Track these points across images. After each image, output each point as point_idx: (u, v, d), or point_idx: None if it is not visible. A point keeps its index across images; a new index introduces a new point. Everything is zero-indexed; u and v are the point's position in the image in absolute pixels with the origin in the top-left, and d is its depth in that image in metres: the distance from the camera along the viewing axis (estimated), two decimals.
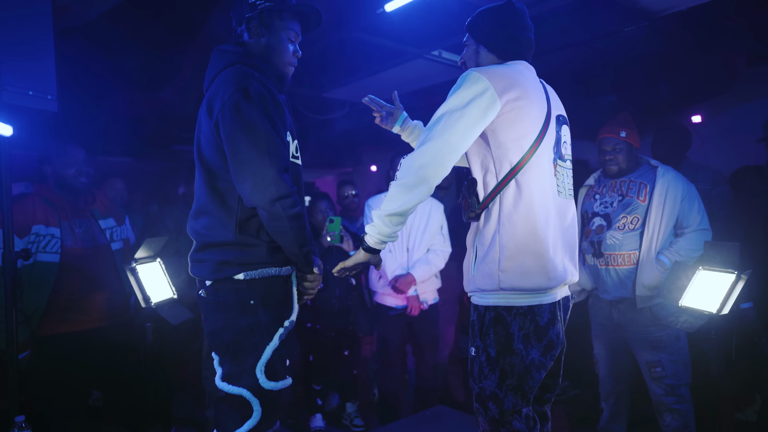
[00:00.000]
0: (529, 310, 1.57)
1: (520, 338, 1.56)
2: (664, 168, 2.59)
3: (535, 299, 1.57)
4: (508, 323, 1.56)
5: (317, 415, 3.37)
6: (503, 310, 1.57)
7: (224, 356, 1.64)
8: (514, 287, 1.55)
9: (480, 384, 1.61)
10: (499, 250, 1.56)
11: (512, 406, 1.57)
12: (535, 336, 1.57)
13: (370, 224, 1.61)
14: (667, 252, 2.51)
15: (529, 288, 1.56)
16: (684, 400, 2.49)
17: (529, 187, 1.56)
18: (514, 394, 1.57)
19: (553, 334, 1.60)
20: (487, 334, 1.59)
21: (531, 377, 1.57)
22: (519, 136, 1.56)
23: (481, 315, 1.62)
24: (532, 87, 1.62)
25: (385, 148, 7.02)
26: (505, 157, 1.57)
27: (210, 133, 1.61)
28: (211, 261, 1.62)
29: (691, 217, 2.52)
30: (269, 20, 1.72)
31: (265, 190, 1.52)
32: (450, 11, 3.04)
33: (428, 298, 3.26)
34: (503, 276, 1.55)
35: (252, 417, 1.58)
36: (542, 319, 1.58)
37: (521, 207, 1.55)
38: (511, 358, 1.56)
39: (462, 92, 1.53)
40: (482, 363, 1.60)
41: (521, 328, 1.56)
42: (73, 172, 2.53)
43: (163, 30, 3.40)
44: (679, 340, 2.53)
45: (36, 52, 1.87)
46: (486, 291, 1.60)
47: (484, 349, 1.59)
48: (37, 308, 2.37)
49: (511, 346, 1.56)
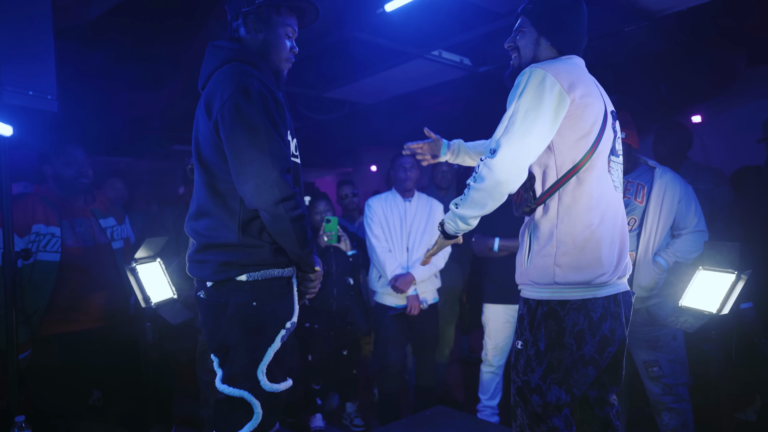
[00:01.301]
0: (583, 304, 1.56)
1: (573, 334, 1.55)
2: (662, 169, 2.59)
3: (589, 293, 1.57)
4: (561, 318, 1.56)
5: (317, 415, 3.37)
6: (557, 305, 1.57)
7: (225, 358, 1.63)
8: (569, 281, 1.55)
9: (525, 377, 1.60)
10: (556, 245, 1.56)
11: (555, 400, 1.56)
12: (589, 332, 1.56)
13: (449, 218, 1.62)
14: (663, 253, 2.51)
15: (584, 281, 1.55)
16: (682, 399, 2.49)
17: (589, 183, 1.57)
18: (558, 388, 1.56)
19: (606, 330, 1.57)
20: (539, 328, 1.58)
21: (578, 372, 1.56)
22: (583, 134, 1.56)
23: (533, 309, 1.61)
24: (592, 83, 1.63)
25: (385, 148, 7.04)
26: (568, 154, 1.57)
27: (209, 134, 1.58)
28: (213, 262, 1.60)
29: (688, 218, 2.53)
30: (267, 15, 1.68)
31: (267, 192, 1.49)
32: (450, 11, 3.04)
33: (428, 297, 3.26)
34: (558, 270, 1.56)
35: (252, 419, 1.57)
36: (595, 314, 1.56)
37: (580, 203, 1.57)
38: (560, 352, 1.55)
39: (532, 91, 1.51)
40: (530, 356, 1.59)
41: (575, 324, 1.55)
42: (74, 172, 2.53)
43: (163, 30, 3.40)
44: (676, 339, 2.53)
45: (36, 52, 1.86)
46: (540, 285, 1.60)
47: (534, 342, 1.59)
48: (37, 308, 2.37)
49: (561, 341, 1.55)
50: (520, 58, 1.75)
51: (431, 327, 3.31)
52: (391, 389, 3.30)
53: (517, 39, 1.75)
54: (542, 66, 1.55)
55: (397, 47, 3.55)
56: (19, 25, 1.81)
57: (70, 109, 2.78)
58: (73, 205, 2.56)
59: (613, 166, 1.67)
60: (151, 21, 3.27)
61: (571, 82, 1.53)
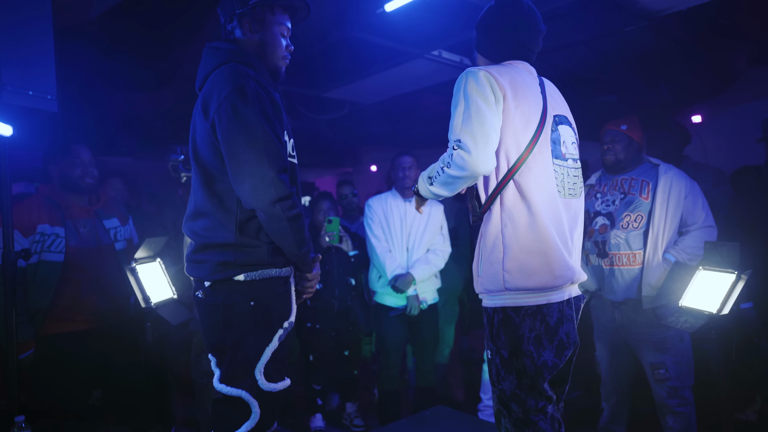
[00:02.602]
0: (538, 309, 1.55)
1: (531, 340, 1.55)
2: (665, 166, 2.57)
3: (543, 298, 1.56)
4: (517, 324, 1.56)
5: (317, 415, 3.36)
6: (511, 311, 1.57)
7: (222, 357, 1.63)
8: (519, 287, 1.55)
9: (500, 386, 1.61)
10: (503, 250, 1.56)
11: (535, 404, 1.57)
12: (546, 337, 1.55)
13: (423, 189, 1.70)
14: (673, 250, 2.48)
15: (535, 287, 1.55)
16: (687, 403, 2.47)
17: (528, 186, 1.57)
18: (532, 393, 1.57)
19: (563, 334, 1.58)
20: (498, 336, 1.59)
21: (543, 379, 1.56)
22: (516, 135, 1.57)
23: (491, 317, 1.62)
24: (528, 86, 1.63)
25: (385, 148, 7.03)
26: (504, 156, 1.58)
27: (206, 134, 1.59)
28: (210, 262, 1.60)
29: (696, 214, 2.50)
30: (261, 15, 1.70)
31: (264, 192, 1.50)
32: (450, 11, 3.04)
33: (428, 297, 3.26)
34: (508, 276, 1.55)
35: (250, 418, 1.57)
36: (551, 318, 1.56)
37: (522, 207, 1.56)
38: (522, 359, 1.56)
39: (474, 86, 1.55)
40: (498, 365, 1.60)
41: (531, 329, 1.55)
42: (79, 172, 2.53)
43: (163, 29, 3.40)
44: (683, 341, 2.51)
45: (36, 52, 1.87)
46: (492, 292, 1.59)
47: (497, 351, 1.60)
48: (40, 307, 2.38)
49: (521, 348, 1.55)
50: None
51: (431, 327, 3.31)
52: (391, 389, 3.30)
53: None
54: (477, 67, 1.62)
55: (397, 47, 3.54)
56: (19, 25, 1.82)
57: (70, 109, 2.78)
58: (77, 206, 2.57)
59: (557, 170, 1.65)
60: (150, 21, 3.27)
61: (501, 79, 1.56)
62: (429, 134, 5.99)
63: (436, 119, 5.43)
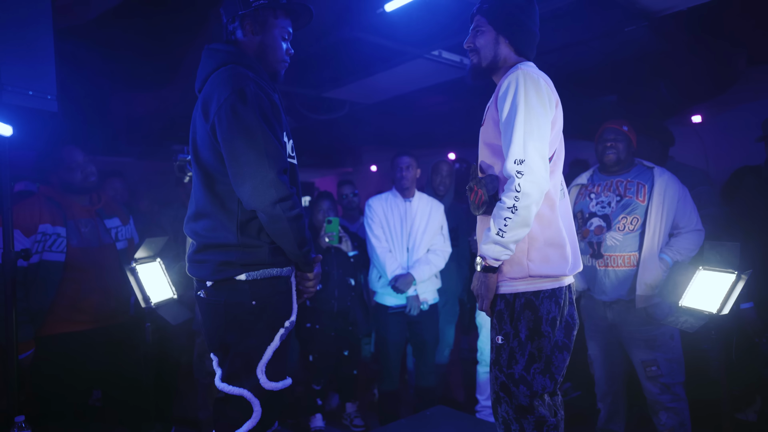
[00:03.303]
0: (553, 293, 1.67)
1: (548, 321, 1.66)
2: (659, 169, 2.61)
3: (557, 282, 1.69)
4: (537, 307, 1.66)
5: (317, 415, 3.37)
6: (532, 296, 1.67)
7: (224, 357, 1.64)
8: (542, 274, 1.66)
9: (509, 370, 1.67)
10: (528, 242, 1.66)
11: (542, 388, 1.65)
12: (560, 317, 1.68)
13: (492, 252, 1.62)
14: (668, 251, 2.53)
15: (555, 274, 1.67)
16: (679, 399, 2.50)
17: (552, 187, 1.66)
18: (542, 376, 1.65)
19: (568, 315, 1.71)
20: (519, 320, 1.67)
21: (556, 358, 1.67)
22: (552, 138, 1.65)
23: (510, 302, 1.69)
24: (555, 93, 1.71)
25: (385, 148, 7.03)
26: None
27: (206, 136, 1.60)
28: (212, 262, 1.61)
29: (687, 217, 2.55)
30: (263, 18, 1.71)
31: (264, 192, 1.51)
32: (450, 11, 3.04)
33: (428, 298, 3.26)
34: (532, 264, 1.66)
35: (252, 417, 1.58)
36: (562, 300, 1.69)
37: (546, 204, 1.65)
38: (539, 341, 1.65)
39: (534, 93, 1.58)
40: (513, 348, 1.67)
41: (549, 311, 1.66)
42: (79, 175, 2.53)
43: (163, 29, 3.40)
44: (673, 338, 2.55)
45: (36, 52, 1.87)
46: (516, 279, 1.68)
47: (515, 335, 1.67)
48: (41, 307, 2.38)
49: (539, 329, 1.65)
50: (479, 57, 1.78)
51: (431, 327, 3.31)
52: (391, 389, 3.30)
53: (474, 38, 1.78)
54: (530, 69, 1.64)
55: (397, 47, 3.54)
56: (19, 25, 1.81)
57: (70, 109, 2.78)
58: (78, 206, 2.57)
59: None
60: (150, 21, 3.27)
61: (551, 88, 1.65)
62: (429, 134, 6.00)
63: (436, 119, 5.43)
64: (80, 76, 3.37)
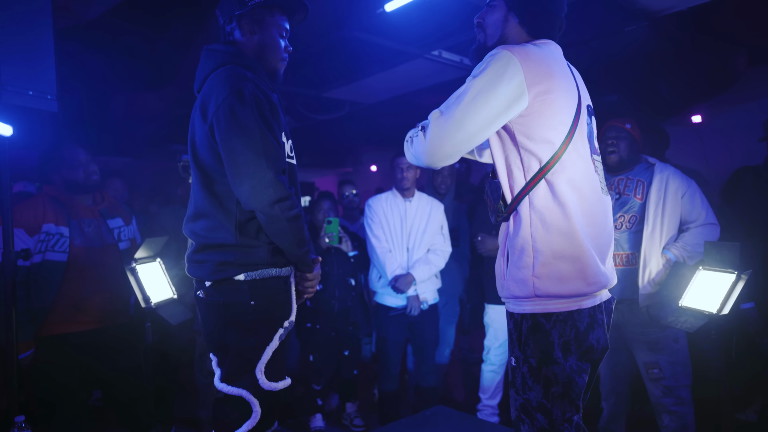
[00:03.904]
0: (569, 315, 1.44)
1: (560, 346, 1.44)
2: (661, 165, 2.57)
3: (575, 304, 1.44)
4: (548, 331, 1.44)
5: (317, 415, 3.37)
6: (541, 318, 1.44)
7: (224, 357, 1.64)
8: (551, 294, 1.43)
9: (525, 396, 1.48)
10: (533, 255, 1.43)
11: (561, 415, 1.46)
12: (576, 342, 1.45)
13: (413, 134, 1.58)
14: (672, 247, 2.47)
15: (567, 294, 1.43)
16: (683, 402, 2.46)
17: (561, 187, 1.43)
18: (561, 402, 1.46)
19: (593, 339, 1.47)
20: (527, 344, 1.47)
21: (576, 384, 1.46)
22: (548, 133, 1.43)
23: (518, 324, 1.49)
24: (563, 75, 1.48)
25: (385, 148, 7.03)
26: (534, 155, 1.43)
27: (205, 136, 1.60)
28: (211, 262, 1.61)
29: (695, 212, 2.48)
30: (261, 17, 1.70)
31: (263, 193, 1.51)
32: (450, 11, 3.04)
33: (428, 298, 3.26)
34: (538, 282, 1.43)
35: (251, 418, 1.58)
36: (582, 324, 1.45)
37: (555, 208, 1.43)
38: (552, 367, 1.44)
39: (491, 75, 1.39)
40: (525, 374, 1.48)
41: (561, 335, 1.44)
42: (82, 173, 2.53)
43: (163, 29, 3.40)
44: (677, 341, 2.51)
45: (36, 52, 1.86)
46: (520, 298, 1.47)
47: (525, 359, 1.47)
48: (42, 307, 2.38)
49: (551, 356, 1.44)
50: (485, 35, 1.61)
51: (431, 327, 3.31)
52: (391, 389, 3.30)
53: (485, 14, 1.62)
54: (512, 49, 1.41)
55: (397, 47, 3.55)
56: (19, 25, 1.81)
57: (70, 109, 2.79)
58: (82, 205, 2.57)
59: (597, 166, 1.54)
60: (150, 21, 3.27)
61: (537, 74, 1.39)
62: None
63: None
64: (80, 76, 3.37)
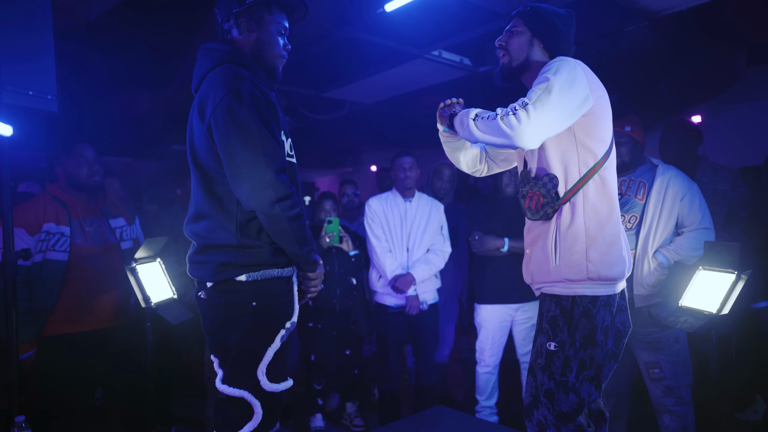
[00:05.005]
0: (608, 300, 1.63)
1: (603, 330, 1.62)
2: (664, 166, 2.56)
3: (611, 289, 1.64)
4: (594, 315, 1.61)
5: (317, 415, 3.37)
6: (589, 303, 1.62)
7: (225, 358, 1.63)
8: (601, 276, 1.61)
9: (563, 377, 1.62)
10: (587, 242, 1.62)
11: (588, 396, 1.62)
12: (612, 327, 1.65)
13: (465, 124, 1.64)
14: (664, 250, 2.47)
15: (613, 277, 1.62)
16: (683, 402, 2.46)
17: (608, 181, 1.65)
18: (589, 384, 1.62)
19: (618, 323, 1.68)
20: (576, 328, 1.62)
21: (606, 366, 1.65)
22: (603, 133, 1.64)
23: (567, 310, 1.64)
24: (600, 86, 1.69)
25: (385, 148, 7.03)
26: (590, 152, 1.63)
27: (203, 137, 1.59)
28: (212, 263, 1.60)
29: (692, 215, 2.48)
30: (258, 14, 1.69)
31: (263, 193, 1.50)
32: (450, 11, 3.04)
33: (428, 298, 3.26)
34: (591, 266, 1.61)
35: (252, 419, 1.57)
36: (614, 308, 1.65)
37: (604, 200, 1.64)
38: (593, 349, 1.61)
39: (566, 74, 1.54)
40: (569, 357, 1.62)
41: (604, 320, 1.62)
42: (86, 171, 2.53)
43: (163, 29, 3.40)
44: (678, 341, 2.50)
45: (36, 52, 1.86)
46: (573, 281, 1.63)
47: (572, 343, 1.62)
48: (44, 307, 2.38)
49: (594, 338, 1.61)
50: (510, 57, 1.79)
51: (431, 327, 3.31)
52: (391, 389, 3.30)
53: (509, 38, 1.80)
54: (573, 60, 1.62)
55: (397, 47, 3.55)
56: (19, 25, 1.81)
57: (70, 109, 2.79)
58: (83, 205, 2.57)
59: None
60: (150, 21, 3.27)
61: (592, 80, 1.62)
62: (429, 134, 6.00)
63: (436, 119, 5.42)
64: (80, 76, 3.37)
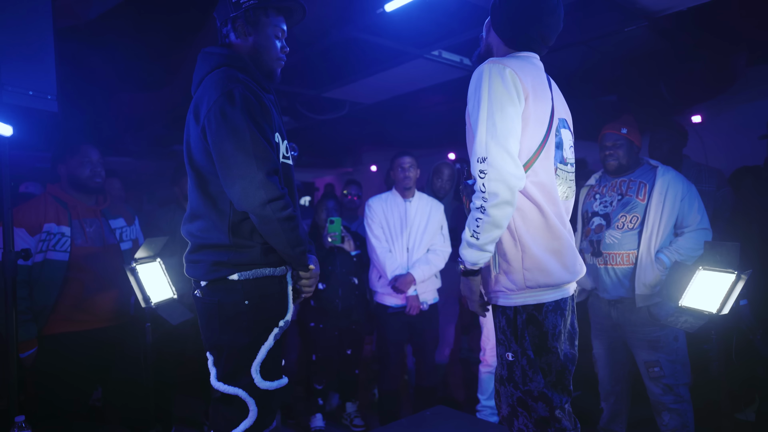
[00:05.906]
0: (557, 305, 1.60)
1: (555, 336, 1.59)
2: (664, 168, 2.59)
3: (560, 293, 1.61)
4: (540, 322, 1.59)
5: (317, 415, 3.37)
6: (534, 310, 1.59)
7: (219, 356, 1.64)
8: (540, 284, 1.58)
9: (525, 387, 1.60)
10: (521, 249, 1.58)
11: (560, 402, 1.60)
12: (564, 330, 1.62)
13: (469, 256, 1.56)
14: (666, 251, 2.50)
15: (554, 283, 1.58)
16: (682, 400, 2.49)
17: (533, 189, 1.57)
18: (557, 391, 1.60)
19: (570, 325, 1.67)
20: (523, 337, 1.60)
21: (568, 371, 1.63)
22: (527, 138, 1.55)
23: (511, 319, 1.62)
24: (540, 86, 1.61)
25: (385, 148, 7.03)
26: None
27: (198, 138, 1.62)
28: (205, 262, 1.63)
29: (691, 216, 2.52)
30: (255, 18, 1.71)
31: (254, 194, 1.52)
32: (450, 11, 3.04)
33: (428, 298, 3.26)
34: (528, 274, 1.57)
35: (248, 417, 1.59)
36: (566, 311, 1.62)
37: (532, 207, 1.58)
38: (548, 356, 1.58)
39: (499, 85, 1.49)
40: (524, 367, 1.60)
41: (555, 326, 1.59)
42: (88, 172, 2.55)
43: (163, 30, 3.40)
44: (677, 340, 2.53)
45: (36, 52, 1.87)
46: (513, 291, 1.60)
47: (523, 352, 1.60)
48: (44, 306, 2.39)
49: (546, 345, 1.58)
50: (480, 45, 1.80)
51: (431, 327, 3.31)
52: (391, 389, 3.30)
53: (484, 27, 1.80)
54: (500, 60, 1.55)
55: (397, 47, 3.54)
56: (19, 25, 1.82)
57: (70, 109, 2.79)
58: (84, 205, 2.58)
59: (560, 174, 1.66)
60: (151, 21, 3.27)
61: (525, 78, 1.53)
62: (429, 134, 6.00)
63: (436, 119, 5.43)
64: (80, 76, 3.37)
